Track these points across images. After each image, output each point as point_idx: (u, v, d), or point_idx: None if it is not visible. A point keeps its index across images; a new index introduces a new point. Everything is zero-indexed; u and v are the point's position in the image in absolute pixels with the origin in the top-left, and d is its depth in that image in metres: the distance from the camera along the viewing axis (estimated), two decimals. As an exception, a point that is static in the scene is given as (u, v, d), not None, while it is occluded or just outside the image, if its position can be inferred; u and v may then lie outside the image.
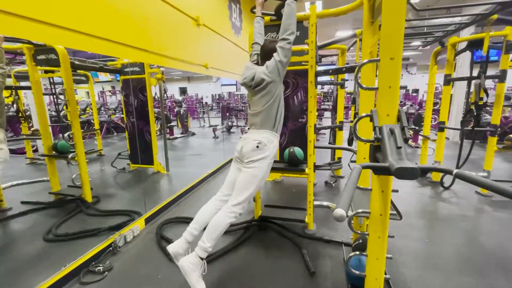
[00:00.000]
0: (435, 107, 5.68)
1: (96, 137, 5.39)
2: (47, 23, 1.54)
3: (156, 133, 4.45)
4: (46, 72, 3.57)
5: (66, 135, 2.83)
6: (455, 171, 0.87)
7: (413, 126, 6.16)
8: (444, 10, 2.89)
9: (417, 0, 5.75)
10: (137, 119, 4.28)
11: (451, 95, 5.59)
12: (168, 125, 7.35)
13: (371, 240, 1.23)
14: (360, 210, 1.28)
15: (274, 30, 2.81)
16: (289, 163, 2.41)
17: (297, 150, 2.39)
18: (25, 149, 4.98)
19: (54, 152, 3.07)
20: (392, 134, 1.05)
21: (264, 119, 1.67)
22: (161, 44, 2.68)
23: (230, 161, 5.10)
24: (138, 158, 4.36)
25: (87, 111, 7.86)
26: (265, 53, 1.74)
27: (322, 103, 11.54)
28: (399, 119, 1.16)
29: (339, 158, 3.82)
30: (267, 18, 2.24)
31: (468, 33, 5.31)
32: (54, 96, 4.13)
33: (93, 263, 1.94)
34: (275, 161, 2.10)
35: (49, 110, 5.56)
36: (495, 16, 2.52)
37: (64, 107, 2.78)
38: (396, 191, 1.28)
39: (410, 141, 6.19)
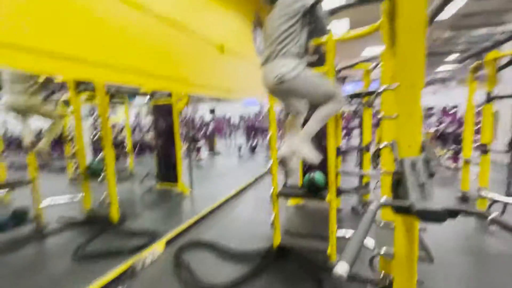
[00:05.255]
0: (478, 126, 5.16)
1: (129, 157, 5.74)
2: (88, 61, 1.70)
3: (183, 153, 4.61)
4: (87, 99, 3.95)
5: (99, 156, 3.04)
6: (490, 216, 0.75)
7: (454, 146, 5.65)
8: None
9: (451, 13, 5.34)
10: (165, 140, 4.49)
11: (495, 113, 5.06)
12: (195, 145, 7.60)
13: (397, 286, 1.09)
14: (383, 251, 1.15)
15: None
16: (308, 190, 2.30)
17: (318, 176, 2.26)
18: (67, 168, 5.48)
19: (88, 172, 3.30)
20: (414, 168, 0.95)
21: None
22: (187, 72, 2.82)
23: (254, 181, 5.03)
24: (164, 178, 4.52)
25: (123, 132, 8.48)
26: None
27: (352, 121, 11.16)
28: (423, 149, 1.05)
29: (367, 183, 3.57)
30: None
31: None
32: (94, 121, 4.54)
33: None
34: (294, 188, 2.01)
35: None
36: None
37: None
38: (424, 229, 1.13)
39: (449, 163, 5.65)
